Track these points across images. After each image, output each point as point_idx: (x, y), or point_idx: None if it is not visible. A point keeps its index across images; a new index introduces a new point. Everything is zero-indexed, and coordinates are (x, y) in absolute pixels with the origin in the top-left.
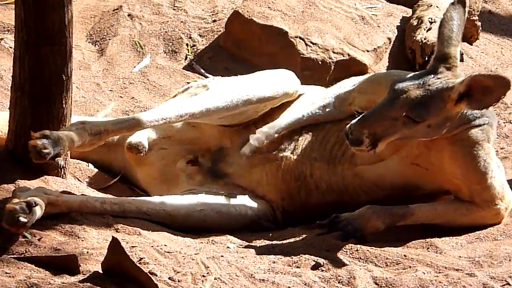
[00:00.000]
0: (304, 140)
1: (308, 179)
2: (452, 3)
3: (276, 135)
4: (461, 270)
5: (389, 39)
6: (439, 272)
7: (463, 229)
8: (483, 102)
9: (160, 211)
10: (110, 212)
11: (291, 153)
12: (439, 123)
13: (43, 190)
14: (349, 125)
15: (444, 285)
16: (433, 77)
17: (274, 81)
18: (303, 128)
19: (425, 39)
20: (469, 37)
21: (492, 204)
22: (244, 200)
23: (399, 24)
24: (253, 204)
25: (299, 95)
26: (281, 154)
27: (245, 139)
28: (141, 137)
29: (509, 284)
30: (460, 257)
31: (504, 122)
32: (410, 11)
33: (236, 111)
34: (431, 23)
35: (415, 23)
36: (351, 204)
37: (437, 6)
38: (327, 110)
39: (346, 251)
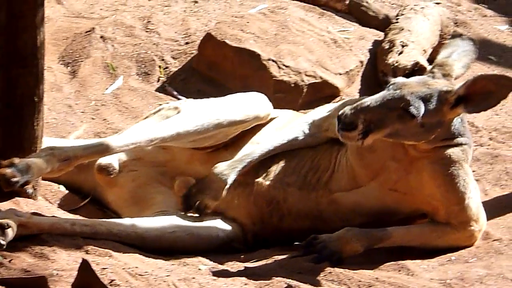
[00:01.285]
0: (277, 165)
1: (281, 204)
2: (462, 38)
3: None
4: None
5: (361, 62)
6: None
7: (436, 251)
8: (481, 105)
9: (131, 233)
10: (81, 234)
11: (263, 178)
12: (432, 125)
13: (14, 212)
14: (343, 109)
15: None
16: (432, 80)
17: (245, 105)
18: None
19: (396, 62)
20: None
21: (467, 226)
22: (215, 223)
23: (371, 47)
24: (224, 226)
25: (271, 119)
26: (253, 179)
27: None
28: (111, 159)
29: None
30: (431, 279)
31: (475, 146)
32: (382, 34)
33: (206, 135)
34: (403, 46)
35: (387, 47)
36: (326, 230)
37: (408, 30)
38: (302, 137)
39: (319, 273)
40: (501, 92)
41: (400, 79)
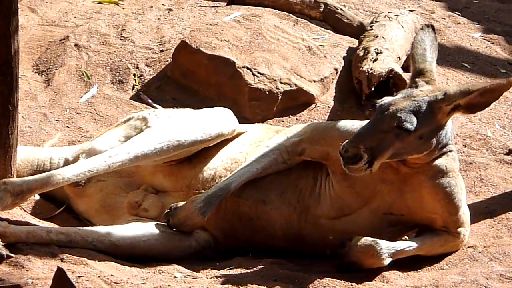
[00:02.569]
0: (250, 181)
1: (253, 221)
2: (421, 28)
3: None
4: None
5: (336, 69)
6: None
7: (413, 258)
8: (477, 109)
9: (105, 240)
10: (56, 242)
11: (233, 195)
12: (430, 134)
13: None
14: (342, 144)
15: None
16: (416, 90)
17: (208, 123)
18: None
19: (371, 69)
20: None
21: (462, 231)
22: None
23: (345, 54)
24: (196, 235)
25: (238, 133)
26: None
27: (184, 178)
28: None
29: None
30: (406, 286)
31: None
32: (356, 41)
33: (166, 156)
34: (377, 53)
35: (361, 54)
36: (304, 251)
37: (383, 37)
38: (275, 164)
39: (295, 281)
40: (498, 96)
41: (385, 100)
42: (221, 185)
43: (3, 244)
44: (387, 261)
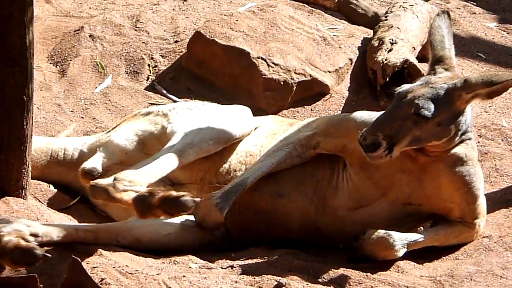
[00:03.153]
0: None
1: (270, 214)
2: (437, 14)
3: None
4: None
5: (351, 60)
6: None
7: (428, 248)
8: (496, 95)
9: (128, 236)
10: (84, 240)
11: (249, 188)
12: (449, 120)
13: (24, 222)
14: (361, 133)
15: None
16: (434, 77)
17: (233, 124)
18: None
19: (386, 60)
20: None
21: (478, 222)
22: None
23: (360, 45)
24: None
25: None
26: None
27: (198, 171)
28: (95, 163)
29: None
30: (421, 276)
31: None
32: (371, 32)
33: (195, 159)
34: (392, 44)
35: (376, 44)
36: (320, 242)
37: (398, 27)
38: (290, 159)
39: (309, 271)
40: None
41: (403, 87)
42: (237, 181)
43: (37, 244)
44: (401, 252)
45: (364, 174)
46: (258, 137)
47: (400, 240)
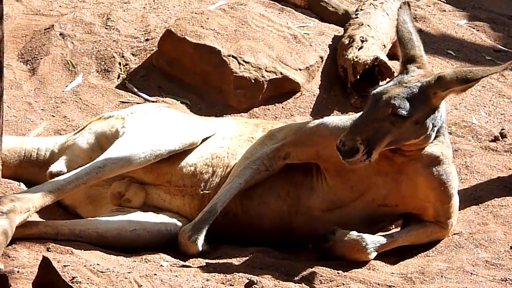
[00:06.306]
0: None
1: (239, 217)
2: (400, 7)
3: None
4: (393, 286)
5: (321, 57)
6: None
7: (400, 246)
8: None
9: (92, 232)
10: (44, 235)
11: (214, 190)
12: (426, 117)
13: None
14: (339, 138)
15: None
16: (407, 76)
17: (176, 135)
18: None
19: (356, 57)
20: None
21: (451, 222)
22: (172, 220)
23: (331, 43)
24: (180, 224)
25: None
26: (201, 192)
27: (164, 174)
28: (61, 166)
29: None
30: (393, 273)
31: None
32: (341, 30)
33: (147, 164)
34: (362, 41)
35: (346, 42)
36: (293, 241)
37: (368, 25)
38: (258, 174)
39: (281, 269)
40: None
41: (377, 89)
42: (207, 209)
43: None
44: (373, 255)
45: (340, 179)
46: (224, 139)
47: (373, 243)
